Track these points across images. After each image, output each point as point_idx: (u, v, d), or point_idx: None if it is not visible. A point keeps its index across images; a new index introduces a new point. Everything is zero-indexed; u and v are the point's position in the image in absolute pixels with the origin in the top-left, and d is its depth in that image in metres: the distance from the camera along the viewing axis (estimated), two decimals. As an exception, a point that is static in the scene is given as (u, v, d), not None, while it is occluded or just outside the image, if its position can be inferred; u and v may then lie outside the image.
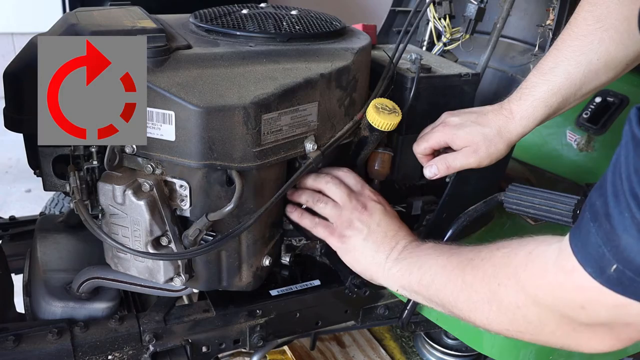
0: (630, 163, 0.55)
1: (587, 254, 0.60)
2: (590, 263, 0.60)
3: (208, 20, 1.06)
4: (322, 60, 1.00)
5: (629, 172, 0.55)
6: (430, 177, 1.06)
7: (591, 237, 0.60)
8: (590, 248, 0.60)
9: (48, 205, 1.91)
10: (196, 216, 0.94)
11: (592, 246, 0.59)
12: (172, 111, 0.86)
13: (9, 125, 1.01)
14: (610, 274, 0.58)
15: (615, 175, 0.57)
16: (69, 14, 1.05)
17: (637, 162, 0.55)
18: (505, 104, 1.04)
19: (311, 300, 1.12)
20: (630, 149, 0.55)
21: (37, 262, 1.13)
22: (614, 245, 0.57)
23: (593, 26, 0.93)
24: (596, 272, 0.59)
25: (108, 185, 0.92)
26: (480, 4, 1.46)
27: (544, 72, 0.99)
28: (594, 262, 0.59)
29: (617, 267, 0.57)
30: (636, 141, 0.55)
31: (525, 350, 1.01)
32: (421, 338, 1.45)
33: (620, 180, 0.56)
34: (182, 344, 1.03)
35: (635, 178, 0.55)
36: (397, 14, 1.99)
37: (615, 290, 0.58)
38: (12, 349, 0.94)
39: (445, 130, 1.05)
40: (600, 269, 0.59)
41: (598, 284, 0.59)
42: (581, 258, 0.61)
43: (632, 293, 0.57)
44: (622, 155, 0.57)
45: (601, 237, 0.58)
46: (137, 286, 1.06)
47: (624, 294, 0.57)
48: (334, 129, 1.03)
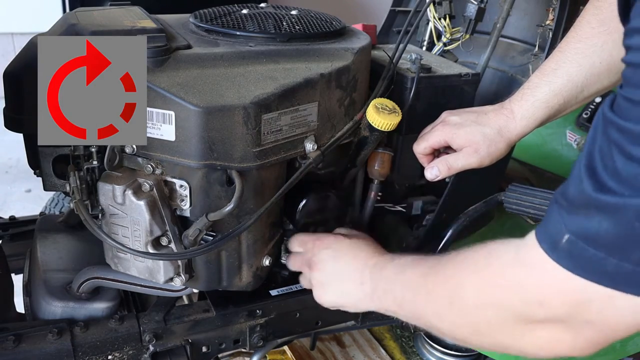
0: (597, 142, 0.57)
1: (546, 231, 0.62)
2: (546, 239, 0.61)
3: (208, 20, 1.06)
4: (322, 60, 1.00)
5: (591, 150, 0.57)
6: (431, 179, 1.06)
7: (552, 216, 0.61)
8: (550, 225, 0.61)
9: (48, 205, 1.91)
10: (196, 216, 0.94)
11: (551, 224, 0.61)
12: (172, 111, 0.86)
13: (9, 125, 1.01)
14: (562, 245, 0.58)
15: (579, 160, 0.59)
16: (69, 14, 1.05)
17: (603, 142, 0.56)
18: (506, 103, 1.04)
19: (311, 300, 1.12)
20: (599, 129, 0.57)
21: (37, 262, 1.13)
22: (568, 217, 0.58)
23: (597, 29, 0.93)
24: (550, 247, 0.60)
25: (108, 185, 0.92)
26: (480, 4, 1.47)
27: (546, 73, 0.99)
28: (549, 238, 0.61)
29: (569, 238, 0.58)
30: (605, 121, 0.56)
31: (525, 350, 1.01)
32: (421, 338, 1.45)
33: (579, 160, 0.58)
34: (182, 344, 1.03)
35: (597, 156, 0.56)
36: (397, 14, 1.99)
37: (566, 267, 0.58)
38: (12, 349, 0.93)
39: (445, 130, 1.05)
40: (554, 243, 0.60)
41: (553, 264, 0.59)
42: (540, 237, 0.62)
43: (582, 268, 0.57)
44: (590, 137, 0.58)
45: (560, 214, 0.60)
46: (137, 286, 1.06)
47: (575, 270, 0.58)
48: (334, 129, 1.03)
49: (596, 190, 0.55)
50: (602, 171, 0.56)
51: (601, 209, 0.55)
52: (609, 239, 0.55)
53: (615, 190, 0.54)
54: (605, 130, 0.56)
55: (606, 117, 0.56)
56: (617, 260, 0.55)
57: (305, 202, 1.06)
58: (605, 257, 0.55)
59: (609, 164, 0.55)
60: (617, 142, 0.54)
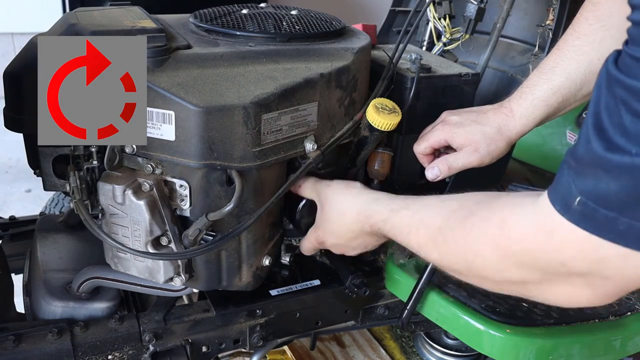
0: (602, 101, 0.57)
1: (557, 193, 0.62)
2: (558, 201, 0.62)
3: (208, 20, 1.06)
4: (322, 60, 1.00)
5: (597, 110, 0.57)
6: (432, 179, 1.06)
7: (562, 177, 0.62)
8: (561, 187, 0.62)
9: (48, 205, 1.91)
10: (196, 216, 0.94)
11: (562, 185, 0.61)
12: (172, 111, 0.86)
13: (9, 125, 1.01)
14: (575, 207, 0.59)
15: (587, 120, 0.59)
16: (69, 14, 1.05)
17: (609, 100, 0.56)
18: (505, 102, 1.04)
19: (311, 300, 1.12)
20: (603, 87, 0.57)
21: (37, 262, 1.13)
22: (578, 178, 0.59)
23: (594, 25, 0.93)
24: (563, 209, 0.61)
25: (108, 185, 0.92)
26: (480, 4, 1.47)
27: (545, 71, 0.99)
28: (562, 199, 0.61)
29: (580, 199, 0.58)
30: (610, 78, 0.56)
31: (525, 350, 1.01)
32: (421, 338, 1.45)
33: (586, 120, 0.59)
34: (182, 344, 1.03)
35: (604, 114, 0.56)
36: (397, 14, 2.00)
37: (581, 227, 0.59)
38: (12, 349, 0.93)
39: (445, 129, 1.05)
40: (566, 205, 0.60)
41: (570, 226, 0.60)
42: (553, 199, 0.63)
43: (596, 228, 0.58)
44: (594, 97, 0.58)
45: (569, 175, 0.60)
46: (137, 286, 1.06)
47: (590, 229, 0.58)
48: (334, 129, 1.03)
49: (605, 149, 0.56)
50: (609, 128, 0.56)
51: (607, 169, 0.56)
52: (619, 199, 0.56)
53: (624, 148, 0.54)
54: (610, 87, 0.56)
55: (611, 74, 0.56)
56: (628, 219, 0.55)
57: (305, 202, 1.06)
58: (616, 216, 0.56)
59: (616, 121, 0.55)
60: (623, 100, 0.54)
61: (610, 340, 1.06)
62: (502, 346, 1.02)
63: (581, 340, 1.03)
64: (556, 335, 1.02)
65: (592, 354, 1.05)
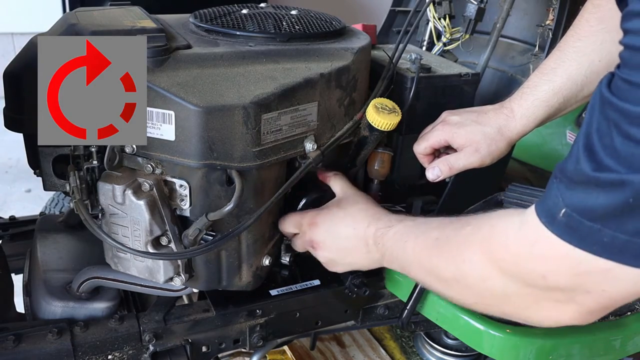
0: (594, 122, 0.58)
1: (544, 205, 0.63)
2: (544, 212, 0.63)
3: (208, 20, 1.06)
4: (322, 60, 1.00)
5: (589, 131, 0.58)
6: (433, 180, 1.06)
7: (551, 190, 0.62)
8: (548, 200, 0.62)
9: (48, 205, 1.91)
10: (196, 216, 0.94)
11: (550, 198, 0.62)
12: (172, 111, 0.86)
13: (9, 125, 1.01)
14: (559, 219, 0.60)
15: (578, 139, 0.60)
16: (69, 14, 1.05)
17: (601, 121, 0.57)
18: (506, 103, 1.04)
19: (311, 300, 1.12)
20: (596, 109, 0.58)
21: (37, 262, 1.13)
22: (566, 192, 0.60)
23: (596, 27, 0.93)
24: (548, 220, 0.62)
25: (108, 185, 0.92)
26: (480, 4, 1.47)
27: (546, 72, 0.99)
28: (547, 211, 0.62)
29: (566, 211, 0.59)
30: (602, 101, 0.57)
31: (525, 350, 1.01)
32: (421, 338, 1.45)
33: (577, 140, 0.60)
34: (182, 344, 1.03)
35: (595, 135, 0.57)
36: (397, 14, 2.00)
37: (565, 239, 0.60)
38: (12, 349, 0.94)
39: (445, 129, 1.05)
40: (551, 216, 0.61)
41: (554, 238, 0.61)
42: (539, 211, 0.64)
43: (580, 240, 0.59)
44: (587, 118, 0.59)
45: (558, 189, 0.61)
46: (137, 286, 1.06)
47: (573, 242, 0.59)
48: (334, 129, 1.03)
49: (594, 170, 0.57)
50: (600, 150, 0.57)
51: (599, 184, 0.56)
52: (604, 211, 0.56)
53: (613, 168, 0.55)
54: (603, 109, 0.57)
55: (604, 97, 0.57)
56: (612, 231, 0.56)
57: (305, 202, 1.06)
58: (600, 228, 0.57)
59: (607, 143, 0.56)
60: (615, 122, 0.55)
61: (610, 340, 1.06)
62: (502, 346, 1.02)
63: (581, 340, 1.03)
64: (556, 335, 1.02)
65: (592, 354, 1.05)
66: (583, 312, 0.66)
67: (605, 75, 0.58)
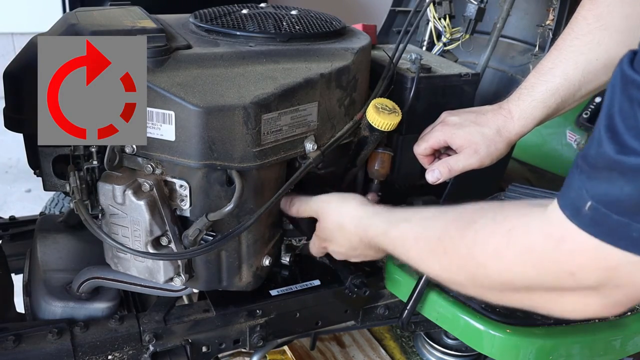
0: (615, 102, 0.55)
1: (568, 198, 0.60)
2: (568, 206, 0.60)
3: (208, 20, 1.06)
4: (322, 60, 1.00)
5: (611, 112, 0.56)
6: (433, 182, 1.06)
7: (573, 181, 0.60)
8: (572, 192, 0.60)
9: (48, 205, 1.91)
10: (196, 216, 0.94)
11: (573, 190, 0.59)
12: (172, 111, 0.86)
13: (9, 125, 1.01)
14: (585, 212, 0.57)
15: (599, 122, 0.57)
16: (69, 14, 1.05)
17: (623, 102, 0.54)
18: (504, 104, 1.04)
19: (311, 300, 1.12)
20: (617, 89, 0.55)
21: (37, 262, 1.13)
22: (589, 182, 0.57)
23: (593, 25, 0.93)
24: (573, 214, 0.59)
25: (108, 185, 0.92)
26: (480, 4, 1.47)
27: (543, 72, 0.99)
28: (572, 204, 0.59)
29: (591, 204, 0.57)
30: (625, 80, 0.55)
31: (525, 350, 1.01)
32: (421, 338, 1.45)
33: (598, 122, 0.57)
34: (182, 344, 1.03)
35: (618, 116, 0.55)
36: (397, 14, 1.99)
37: (592, 233, 0.57)
38: (12, 349, 0.93)
39: (445, 130, 1.05)
40: (576, 210, 0.58)
41: (581, 234, 0.58)
42: (563, 204, 0.61)
43: (607, 235, 0.56)
44: (607, 98, 0.56)
45: (581, 180, 0.58)
46: (137, 286, 1.06)
47: (601, 237, 0.57)
48: (334, 129, 1.03)
49: (618, 152, 0.54)
50: (624, 132, 0.54)
51: (623, 172, 0.54)
52: (633, 204, 0.54)
53: (639, 151, 0.52)
54: (626, 89, 0.54)
55: (626, 75, 0.54)
56: None
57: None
58: (629, 222, 0.54)
59: (631, 124, 0.53)
60: None
61: (610, 340, 1.06)
62: (502, 346, 1.02)
63: (581, 340, 1.03)
64: (556, 335, 1.02)
65: (592, 354, 1.05)
66: (609, 305, 0.64)
67: (626, 54, 0.56)
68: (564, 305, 0.68)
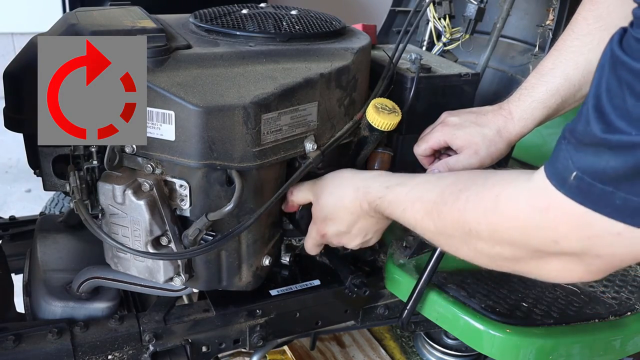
0: (603, 82, 0.57)
1: (554, 168, 0.62)
2: (554, 175, 0.62)
3: (208, 20, 1.06)
4: (322, 60, 1.00)
5: (598, 92, 0.57)
6: None
7: (560, 152, 0.62)
8: (558, 162, 0.62)
9: (48, 205, 1.91)
10: (196, 216, 0.94)
11: (559, 160, 0.62)
12: (172, 111, 0.86)
13: (9, 125, 1.01)
14: (571, 182, 0.59)
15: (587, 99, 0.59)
16: (69, 14, 1.05)
17: (612, 82, 0.56)
18: (504, 104, 1.04)
19: (311, 300, 1.12)
20: (606, 68, 0.57)
21: (37, 262, 1.13)
22: (576, 154, 0.59)
23: (593, 25, 0.93)
24: (559, 183, 0.61)
25: (108, 185, 0.92)
26: (480, 4, 1.47)
27: (543, 73, 0.99)
28: (558, 174, 0.61)
29: (577, 174, 0.59)
30: (614, 60, 0.56)
31: (525, 350, 1.01)
32: (421, 338, 1.45)
33: (586, 101, 0.59)
34: (182, 344, 1.03)
35: (605, 96, 0.56)
36: (397, 14, 1.99)
37: (577, 201, 0.59)
38: (12, 349, 0.94)
39: (445, 130, 1.05)
40: (562, 180, 0.61)
41: (567, 202, 0.60)
42: (549, 173, 0.63)
43: (592, 202, 0.58)
44: (596, 78, 0.58)
45: (567, 151, 0.60)
46: (137, 286, 1.06)
47: (584, 203, 0.59)
48: (334, 129, 1.03)
49: (604, 132, 0.56)
50: (610, 112, 0.55)
51: (609, 147, 0.55)
52: (616, 174, 0.56)
53: (624, 130, 0.54)
54: (614, 69, 0.56)
55: (615, 55, 0.56)
56: (625, 193, 0.56)
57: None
58: (613, 191, 0.56)
59: (618, 104, 0.55)
60: (628, 83, 0.54)
61: (610, 340, 1.06)
62: (502, 346, 1.02)
63: (581, 340, 1.03)
64: (556, 335, 1.03)
65: (592, 354, 1.05)
66: (592, 272, 0.67)
67: (616, 32, 0.57)
68: (549, 271, 0.71)
